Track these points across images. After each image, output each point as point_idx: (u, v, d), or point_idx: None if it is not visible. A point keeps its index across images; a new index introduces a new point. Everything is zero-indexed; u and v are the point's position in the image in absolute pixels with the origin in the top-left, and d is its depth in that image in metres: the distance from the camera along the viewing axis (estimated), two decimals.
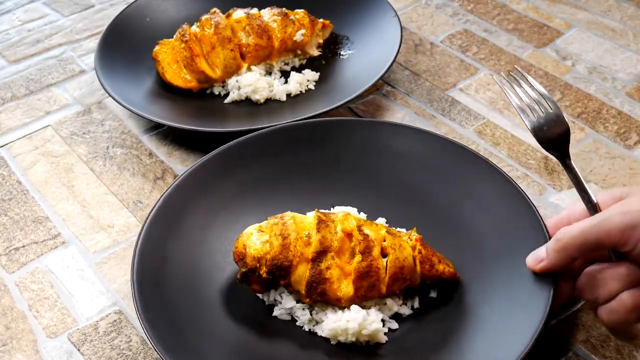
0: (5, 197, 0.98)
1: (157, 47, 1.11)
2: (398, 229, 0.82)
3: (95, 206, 0.95)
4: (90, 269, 0.87)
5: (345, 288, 0.74)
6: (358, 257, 0.74)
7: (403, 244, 0.76)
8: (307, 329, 0.76)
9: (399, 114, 1.06)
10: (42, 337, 0.80)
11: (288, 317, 0.77)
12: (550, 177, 0.93)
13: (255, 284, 0.76)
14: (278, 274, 0.74)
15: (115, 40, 1.16)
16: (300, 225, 0.77)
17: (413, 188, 0.87)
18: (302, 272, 0.74)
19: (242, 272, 0.75)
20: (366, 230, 0.76)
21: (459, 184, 0.85)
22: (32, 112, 1.13)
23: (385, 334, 0.74)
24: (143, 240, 0.80)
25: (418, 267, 0.75)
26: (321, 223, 0.76)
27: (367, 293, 0.74)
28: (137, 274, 0.76)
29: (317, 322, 0.76)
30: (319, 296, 0.74)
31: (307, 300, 0.74)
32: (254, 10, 1.12)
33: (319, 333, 0.75)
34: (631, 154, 0.96)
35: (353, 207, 0.85)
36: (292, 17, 1.13)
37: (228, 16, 1.11)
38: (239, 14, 1.11)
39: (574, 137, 0.99)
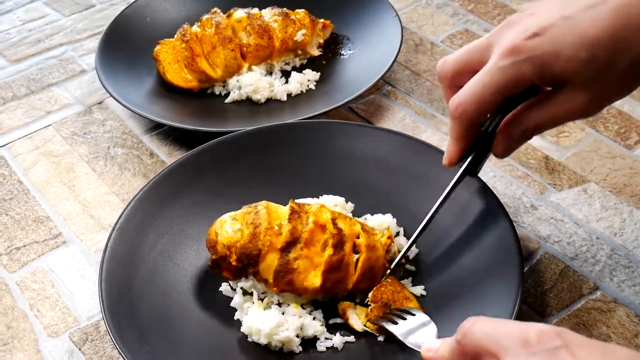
0: (6, 196, 0.98)
1: (157, 47, 1.11)
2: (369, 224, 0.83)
3: (96, 206, 0.95)
4: (91, 269, 0.87)
5: (313, 279, 0.74)
6: (330, 250, 0.74)
7: (376, 244, 0.76)
8: (236, 318, 0.77)
9: (399, 113, 1.06)
10: (43, 336, 0.80)
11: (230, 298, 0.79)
12: (551, 177, 0.93)
13: (226, 272, 0.77)
14: (247, 262, 0.75)
15: (116, 40, 1.16)
16: (273, 214, 0.77)
17: (388, 193, 0.88)
18: (270, 261, 0.75)
19: (212, 259, 0.77)
20: (340, 224, 0.76)
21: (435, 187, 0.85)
22: (33, 112, 1.13)
23: (301, 343, 0.74)
24: (114, 241, 0.81)
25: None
26: (294, 214, 0.76)
27: (333, 286, 0.75)
28: (106, 274, 0.78)
29: (247, 313, 0.77)
30: (286, 285, 0.74)
31: (274, 289, 0.75)
32: (255, 10, 1.12)
33: (241, 327, 0.75)
34: (631, 153, 0.96)
35: (341, 197, 0.85)
36: (292, 17, 1.13)
37: (229, 16, 1.12)
38: (239, 13, 1.11)
39: (575, 136, 0.99)
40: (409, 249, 0.77)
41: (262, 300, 0.77)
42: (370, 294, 0.76)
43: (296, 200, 0.80)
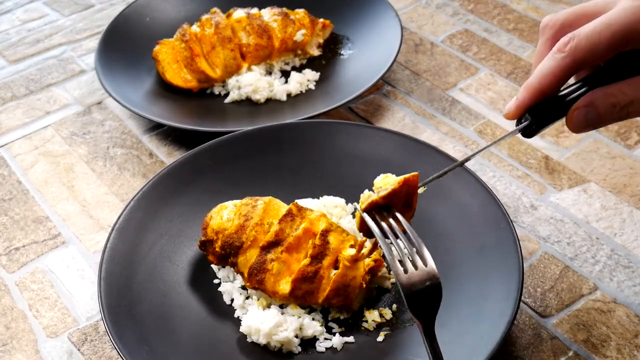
0: (6, 197, 0.98)
1: (157, 47, 1.11)
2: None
3: (95, 206, 0.95)
4: (90, 269, 0.87)
5: (284, 284, 0.74)
6: (306, 260, 0.74)
7: (359, 264, 0.75)
8: (236, 316, 0.77)
9: (399, 113, 1.06)
10: (42, 336, 0.80)
11: (229, 297, 0.79)
12: (550, 177, 0.93)
13: (211, 255, 0.80)
14: (229, 251, 0.77)
15: (115, 40, 1.16)
16: (271, 212, 0.78)
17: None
18: (250, 256, 0.76)
19: (201, 240, 0.80)
20: (330, 238, 0.75)
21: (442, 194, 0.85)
22: (32, 112, 1.13)
23: (302, 344, 0.74)
24: (113, 241, 0.81)
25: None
26: (288, 216, 0.77)
27: (304, 296, 0.75)
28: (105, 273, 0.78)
29: (246, 312, 0.77)
30: (257, 284, 0.75)
31: (248, 284, 0.76)
32: (254, 10, 1.12)
33: (240, 327, 0.75)
34: (631, 153, 0.96)
35: (341, 197, 0.85)
36: (292, 17, 1.13)
37: (228, 16, 1.12)
38: (239, 13, 1.11)
39: (575, 137, 0.99)
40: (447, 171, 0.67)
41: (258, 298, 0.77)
42: (381, 181, 0.68)
43: (300, 202, 0.80)
